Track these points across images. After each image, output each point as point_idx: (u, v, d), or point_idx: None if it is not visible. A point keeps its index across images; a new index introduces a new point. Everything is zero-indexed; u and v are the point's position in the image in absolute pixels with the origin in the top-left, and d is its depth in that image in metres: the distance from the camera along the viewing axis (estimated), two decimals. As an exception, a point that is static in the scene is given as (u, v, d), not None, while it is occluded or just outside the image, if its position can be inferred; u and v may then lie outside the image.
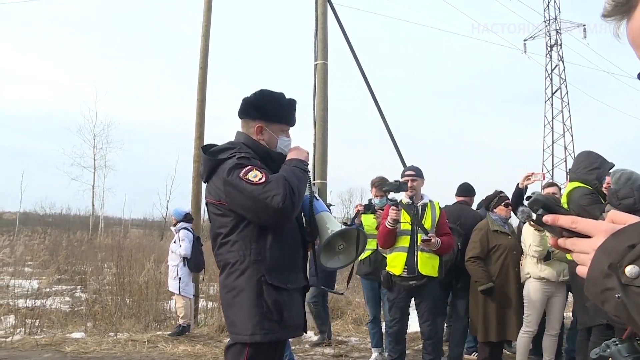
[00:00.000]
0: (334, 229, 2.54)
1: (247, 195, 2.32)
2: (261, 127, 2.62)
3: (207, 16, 9.68)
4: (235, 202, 2.39)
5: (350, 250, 2.66)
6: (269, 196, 2.29)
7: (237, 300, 2.42)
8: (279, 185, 2.32)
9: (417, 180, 5.02)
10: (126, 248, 12.97)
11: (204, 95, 9.58)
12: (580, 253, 0.92)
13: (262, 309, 2.37)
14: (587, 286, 0.87)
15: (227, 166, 2.41)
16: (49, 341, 6.87)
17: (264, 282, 2.39)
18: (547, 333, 5.15)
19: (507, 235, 5.37)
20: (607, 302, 0.84)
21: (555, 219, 0.96)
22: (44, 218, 35.97)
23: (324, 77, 9.49)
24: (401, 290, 4.92)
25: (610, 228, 0.89)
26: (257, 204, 2.31)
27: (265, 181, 2.33)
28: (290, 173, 2.44)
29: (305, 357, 6.30)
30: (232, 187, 2.37)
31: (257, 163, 2.45)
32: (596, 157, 4.75)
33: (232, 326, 2.46)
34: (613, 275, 0.82)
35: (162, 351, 6.56)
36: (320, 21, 9.57)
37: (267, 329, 2.37)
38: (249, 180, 2.33)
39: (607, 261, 0.83)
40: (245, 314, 2.39)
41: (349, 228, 2.63)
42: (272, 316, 2.38)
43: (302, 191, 2.47)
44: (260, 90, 2.67)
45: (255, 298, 2.38)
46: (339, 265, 2.74)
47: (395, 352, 5.01)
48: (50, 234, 20.25)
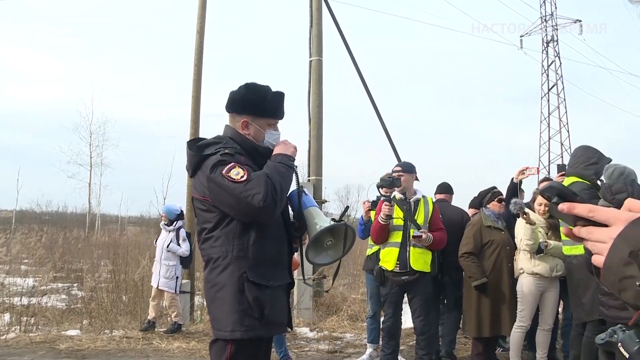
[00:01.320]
0: (322, 225, 2.53)
1: (229, 193, 2.32)
2: (246, 121, 2.59)
3: (201, 13, 9.65)
4: (218, 199, 2.39)
5: (338, 246, 2.62)
6: (250, 195, 2.28)
7: (219, 295, 2.41)
8: (260, 183, 2.31)
9: (403, 176, 5.01)
10: (122, 245, 12.94)
11: (199, 92, 9.56)
12: (597, 242, 0.90)
13: (243, 306, 2.36)
14: (605, 274, 0.86)
15: (210, 162, 2.40)
16: (44, 339, 6.87)
17: (246, 279, 2.37)
18: (540, 328, 5.16)
19: (500, 231, 5.37)
20: (626, 291, 0.83)
21: (572, 207, 0.94)
22: (40, 216, 35.84)
23: (319, 74, 9.48)
24: (393, 285, 4.93)
25: (629, 216, 0.88)
26: (239, 202, 2.31)
27: (247, 179, 2.31)
28: (273, 170, 2.42)
29: (300, 354, 6.31)
30: (215, 184, 2.36)
31: (240, 160, 2.43)
32: (594, 152, 4.70)
33: (214, 321, 2.46)
34: (633, 263, 0.81)
35: (157, 348, 6.56)
36: (315, 17, 9.56)
37: (247, 325, 2.36)
38: (230, 178, 2.32)
39: (628, 249, 0.83)
40: (227, 310, 2.38)
41: (337, 224, 2.57)
42: (252, 313, 2.36)
43: (285, 188, 2.45)
44: (245, 84, 2.63)
45: (236, 294, 2.37)
46: (327, 260, 2.70)
47: (388, 347, 5.02)
48: (46, 232, 20.18)
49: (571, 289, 4.71)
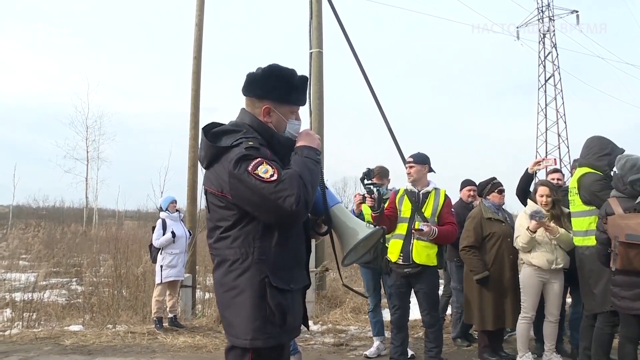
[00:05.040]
0: (360, 231, 2.34)
1: (256, 193, 2.08)
2: (269, 108, 2.33)
3: (200, 5, 9.59)
4: (241, 197, 2.14)
5: (366, 245, 2.45)
6: (282, 197, 2.06)
7: (237, 301, 2.19)
8: (293, 184, 2.08)
9: (414, 167, 4.97)
10: (122, 239, 12.87)
11: (199, 85, 9.52)
12: None
13: (264, 312, 2.16)
14: None
15: (233, 156, 2.14)
16: (48, 334, 6.84)
17: (268, 283, 2.16)
18: (546, 320, 5.14)
19: (501, 223, 5.34)
20: None
21: None
22: (37, 211, 35.67)
23: (319, 66, 9.43)
24: (398, 276, 4.91)
25: None
26: (267, 203, 2.08)
27: (278, 179, 2.08)
28: (303, 166, 2.19)
29: (306, 347, 6.29)
30: (239, 181, 2.11)
31: (267, 154, 2.19)
32: (607, 142, 4.64)
33: (230, 327, 2.23)
34: None
35: (162, 342, 6.54)
36: (315, 9, 9.50)
37: (269, 333, 2.17)
38: (258, 177, 2.08)
39: None
40: (245, 316, 2.17)
41: (375, 230, 2.40)
42: (274, 320, 2.17)
43: (316, 187, 2.23)
44: (269, 66, 2.35)
45: (256, 300, 2.16)
46: (355, 259, 2.52)
47: (397, 339, 5.01)
48: (44, 227, 20.12)
49: (582, 280, 4.69)
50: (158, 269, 7.39)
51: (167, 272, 7.34)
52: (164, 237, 7.38)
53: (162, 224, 7.51)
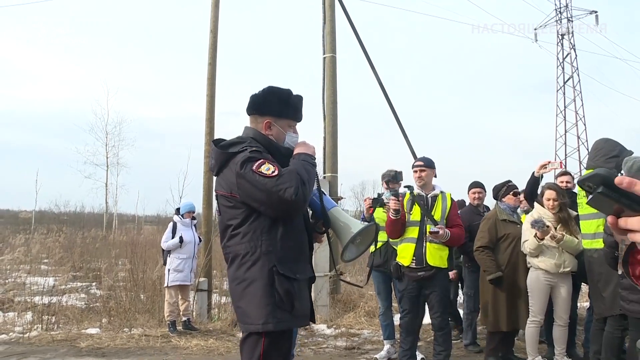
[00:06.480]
0: (355, 228, 2.63)
1: (261, 188, 2.38)
2: (269, 122, 2.68)
3: (215, 11, 9.68)
4: (248, 195, 2.44)
5: (364, 242, 2.76)
6: (282, 189, 2.35)
7: (249, 290, 2.45)
8: (292, 177, 2.40)
9: (425, 171, 4.98)
10: (140, 244, 13.01)
11: (214, 90, 9.59)
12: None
13: (274, 299, 2.42)
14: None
15: (239, 159, 2.45)
16: (65, 337, 6.96)
17: (276, 272, 2.43)
18: (555, 323, 5.11)
19: (515, 224, 5.34)
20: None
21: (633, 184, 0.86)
22: (58, 216, 36.16)
23: (332, 70, 9.48)
24: (410, 281, 4.92)
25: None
26: (271, 196, 2.37)
27: (278, 174, 2.39)
28: (300, 166, 2.51)
29: (318, 351, 6.32)
30: (245, 180, 2.41)
31: (268, 157, 2.50)
32: (615, 144, 4.63)
33: (244, 316, 2.49)
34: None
35: (176, 346, 6.62)
36: (328, 14, 9.56)
37: (279, 317, 2.42)
38: (262, 173, 2.38)
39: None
40: (257, 304, 2.43)
41: (369, 225, 2.73)
42: (283, 305, 2.43)
43: (312, 184, 2.53)
44: (268, 87, 2.72)
45: (267, 288, 2.43)
46: (355, 255, 2.81)
47: (406, 343, 5.01)
48: (65, 232, 20.39)
49: (592, 283, 4.65)
50: (166, 272, 7.56)
51: (173, 276, 7.48)
52: (171, 241, 7.54)
53: (172, 227, 7.67)
